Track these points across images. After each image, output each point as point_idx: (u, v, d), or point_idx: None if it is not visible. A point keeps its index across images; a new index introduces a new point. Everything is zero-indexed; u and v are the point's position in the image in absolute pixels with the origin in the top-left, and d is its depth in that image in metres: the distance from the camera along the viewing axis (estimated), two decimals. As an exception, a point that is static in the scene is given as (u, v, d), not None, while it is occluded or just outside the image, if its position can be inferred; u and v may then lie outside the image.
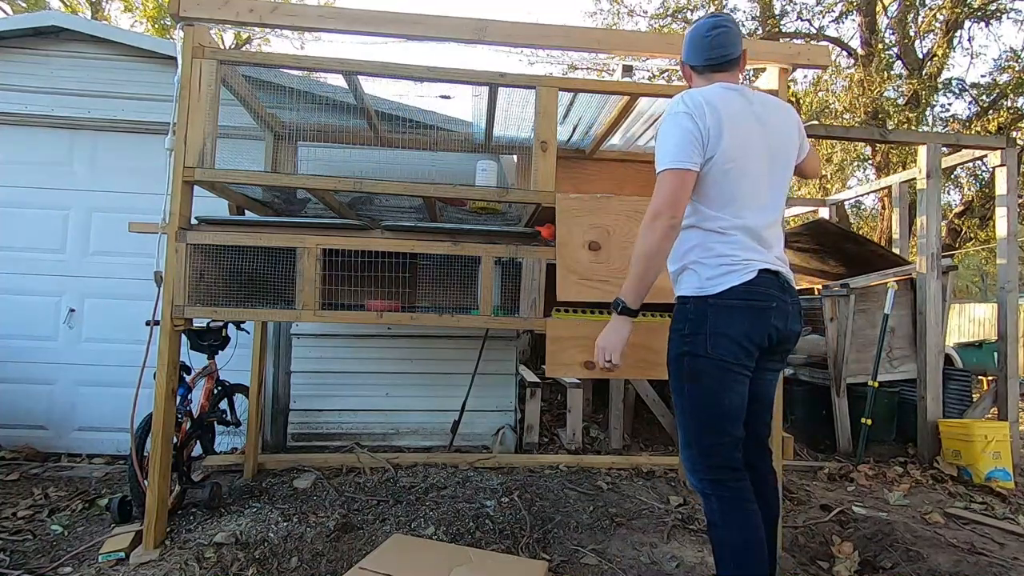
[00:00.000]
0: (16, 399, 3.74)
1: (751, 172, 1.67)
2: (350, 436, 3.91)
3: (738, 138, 1.64)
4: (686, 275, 1.72)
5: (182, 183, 2.30)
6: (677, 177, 1.60)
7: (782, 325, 1.67)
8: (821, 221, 5.22)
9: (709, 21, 1.80)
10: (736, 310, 1.62)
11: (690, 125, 1.62)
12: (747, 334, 1.62)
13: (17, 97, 3.73)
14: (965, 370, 5.09)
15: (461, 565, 1.83)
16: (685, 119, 1.62)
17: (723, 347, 1.61)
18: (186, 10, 2.25)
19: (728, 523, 1.62)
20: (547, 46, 2.45)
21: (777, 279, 1.68)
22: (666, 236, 1.59)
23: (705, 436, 1.66)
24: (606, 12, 11.88)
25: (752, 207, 1.68)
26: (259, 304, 2.65)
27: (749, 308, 1.62)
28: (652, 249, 1.59)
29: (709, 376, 1.63)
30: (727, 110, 1.64)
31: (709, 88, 1.70)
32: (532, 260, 2.49)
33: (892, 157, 10.03)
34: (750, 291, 1.62)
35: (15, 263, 3.78)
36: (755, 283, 1.62)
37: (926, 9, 9.94)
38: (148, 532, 2.28)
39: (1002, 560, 2.39)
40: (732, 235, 1.66)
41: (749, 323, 1.62)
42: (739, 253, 1.65)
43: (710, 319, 1.63)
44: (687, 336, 1.66)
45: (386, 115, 3.41)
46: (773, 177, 1.73)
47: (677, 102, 1.67)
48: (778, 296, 1.66)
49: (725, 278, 1.62)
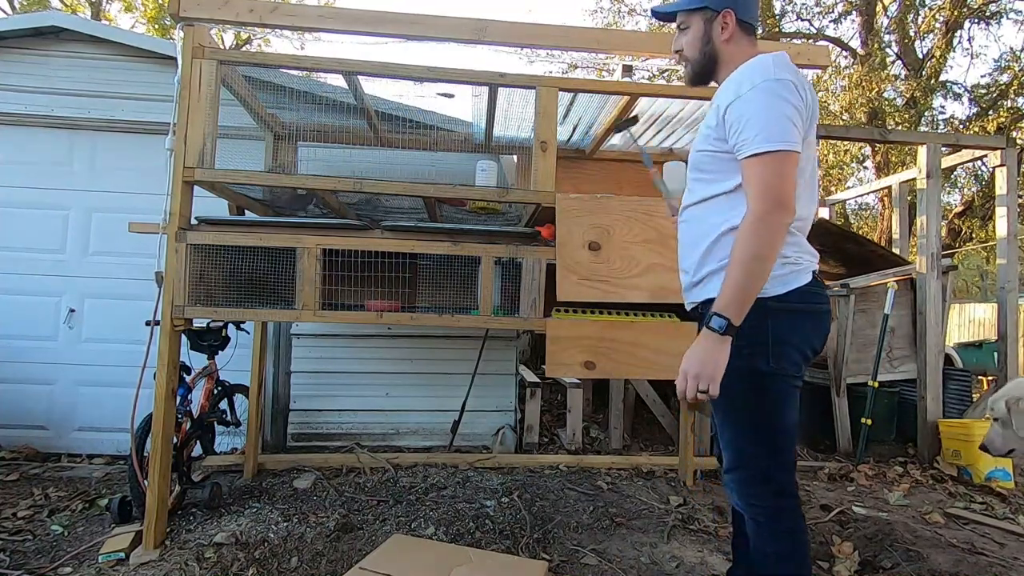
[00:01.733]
0: (16, 399, 3.74)
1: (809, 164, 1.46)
2: (350, 436, 3.91)
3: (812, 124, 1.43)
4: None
5: (182, 183, 2.30)
6: (791, 161, 1.31)
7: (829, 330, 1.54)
8: (821, 221, 5.21)
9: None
10: (800, 314, 1.43)
11: (797, 99, 1.33)
12: (809, 341, 1.44)
13: (17, 97, 3.73)
14: (965, 370, 5.08)
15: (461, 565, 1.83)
16: (792, 90, 1.33)
17: (787, 357, 1.41)
18: (186, 10, 2.24)
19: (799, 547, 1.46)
20: (547, 46, 2.45)
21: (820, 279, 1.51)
22: (782, 233, 1.31)
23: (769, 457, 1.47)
24: (606, 11, 11.90)
25: (809, 202, 1.48)
26: (259, 304, 2.65)
27: (811, 313, 1.44)
28: (766, 250, 1.29)
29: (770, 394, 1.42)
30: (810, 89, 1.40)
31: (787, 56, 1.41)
32: (532, 260, 2.49)
33: (892, 157, 10.04)
34: (813, 293, 1.44)
35: (15, 263, 3.78)
36: (814, 284, 1.45)
37: (926, 9, 9.94)
38: (148, 532, 2.28)
39: (1002, 560, 2.40)
40: (795, 233, 1.44)
41: (811, 328, 1.45)
42: (802, 253, 1.45)
43: (772, 325, 1.40)
44: (743, 348, 1.35)
45: (386, 115, 3.40)
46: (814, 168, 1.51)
47: (772, 67, 1.35)
48: (828, 298, 1.52)
49: (790, 278, 1.41)
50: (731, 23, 1.48)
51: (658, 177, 2.07)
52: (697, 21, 1.54)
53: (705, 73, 1.57)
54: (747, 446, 1.48)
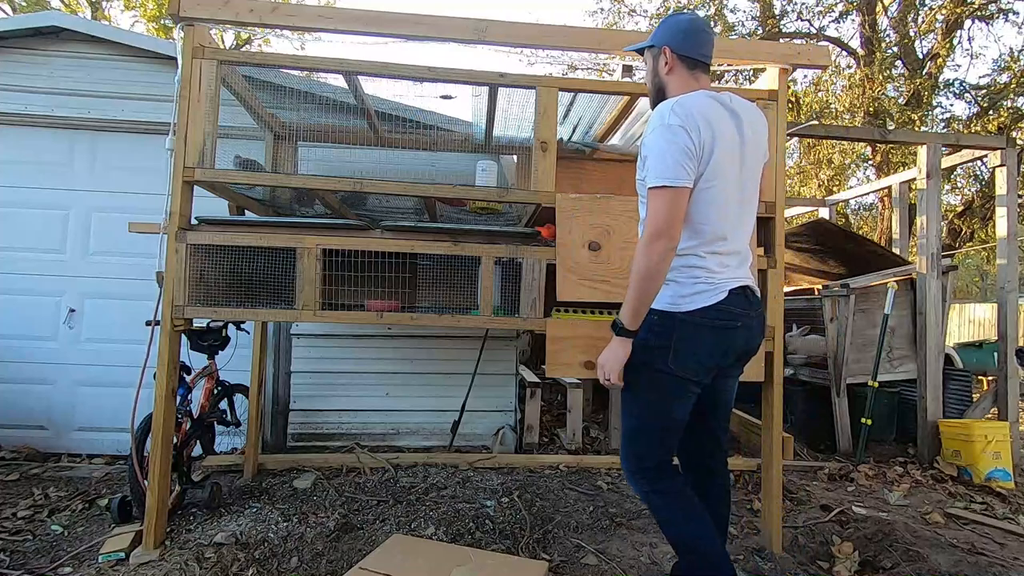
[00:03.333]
0: (16, 399, 3.74)
1: (731, 189, 1.68)
2: (350, 436, 3.91)
3: (724, 154, 1.63)
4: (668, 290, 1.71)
5: (182, 183, 2.29)
6: (676, 195, 1.56)
7: (744, 343, 1.74)
8: (821, 221, 5.22)
9: (695, 16, 1.80)
10: (704, 329, 1.66)
11: (687, 140, 1.56)
12: (711, 353, 1.68)
13: (17, 97, 3.73)
14: (965, 370, 5.09)
15: (461, 565, 1.83)
16: (681, 133, 1.56)
17: (685, 363, 1.66)
18: (186, 10, 2.24)
19: (675, 518, 1.74)
20: (547, 46, 2.45)
21: (745, 295, 1.73)
22: (665, 258, 1.56)
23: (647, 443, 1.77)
24: (606, 12, 11.88)
25: (730, 224, 1.70)
26: (259, 304, 2.65)
27: (715, 328, 1.66)
28: (652, 271, 1.56)
29: (665, 390, 1.69)
30: (718, 126, 1.62)
31: (697, 97, 1.65)
32: (532, 260, 2.49)
33: (892, 157, 10.03)
34: (720, 311, 1.65)
35: (15, 263, 3.78)
36: (725, 303, 1.66)
37: (926, 9, 9.94)
38: (148, 532, 2.28)
39: (1002, 560, 2.40)
40: (709, 254, 1.67)
41: (714, 343, 1.67)
42: (715, 273, 1.67)
43: (676, 335, 1.66)
44: (651, 348, 1.68)
45: (386, 115, 3.41)
46: (747, 191, 1.74)
47: (668, 113, 1.59)
48: (744, 314, 1.70)
49: (697, 297, 1.65)
50: (670, 57, 1.74)
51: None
52: (648, 57, 1.81)
53: (658, 100, 1.77)
54: (639, 428, 1.77)
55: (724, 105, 1.68)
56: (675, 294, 1.67)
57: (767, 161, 1.88)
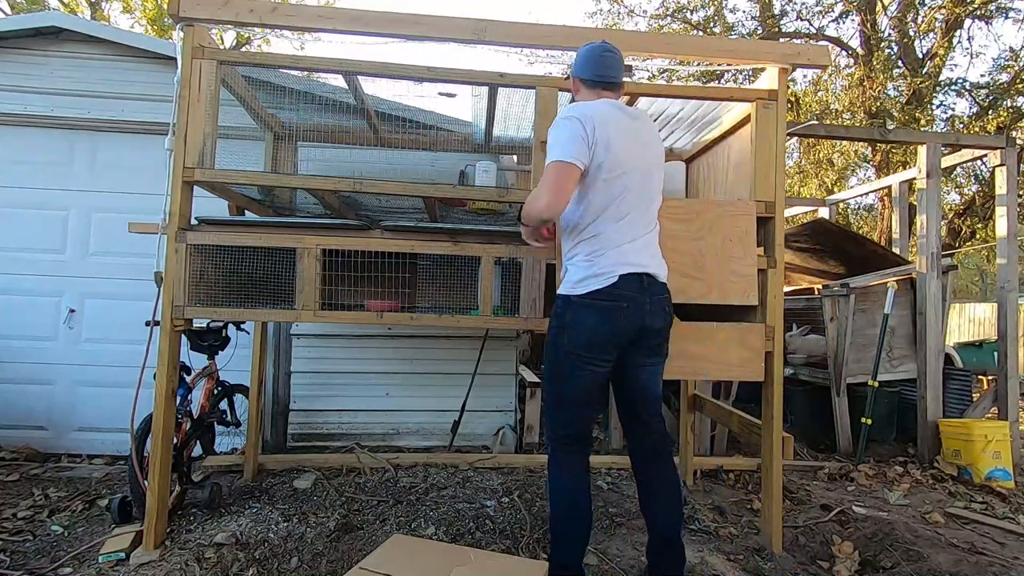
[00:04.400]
0: (16, 399, 3.74)
1: (632, 183, 1.87)
2: (350, 436, 3.91)
3: (622, 151, 1.83)
4: (566, 274, 1.94)
5: (182, 183, 2.29)
6: (562, 167, 1.77)
7: (635, 322, 1.86)
8: (821, 221, 5.22)
9: (600, 44, 2.01)
10: (588, 309, 1.83)
11: (578, 128, 1.79)
12: (595, 329, 1.84)
13: (17, 97, 3.73)
14: (965, 370, 5.08)
15: (461, 565, 1.83)
16: (575, 123, 1.80)
17: (576, 340, 1.85)
18: (186, 10, 2.24)
19: (559, 479, 1.95)
20: (547, 46, 2.45)
21: (640, 280, 1.86)
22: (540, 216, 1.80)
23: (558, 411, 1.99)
24: (606, 12, 11.88)
25: (630, 215, 1.88)
26: (259, 304, 2.65)
27: (598, 308, 1.83)
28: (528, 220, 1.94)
29: (565, 364, 1.89)
30: (614, 124, 1.84)
31: (596, 103, 1.89)
32: (532, 260, 2.49)
33: (892, 157, 10.03)
34: (608, 294, 1.82)
35: (15, 263, 3.78)
36: (616, 286, 1.82)
37: (926, 8, 9.93)
38: (148, 532, 2.28)
39: (1002, 560, 2.40)
40: (605, 242, 1.85)
41: (595, 321, 1.83)
42: (608, 260, 1.84)
43: (569, 316, 1.86)
44: (553, 328, 1.93)
45: (386, 115, 3.41)
46: (649, 187, 1.94)
47: (566, 111, 1.86)
48: (631, 296, 1.84)
49: (589, 281, 1.83)
50: (574, 82, 2.05)
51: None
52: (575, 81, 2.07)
53: None
54: (549, 397, 2.01)
55: (622, 110, 1.92)
56: (573, 280, 1.87)
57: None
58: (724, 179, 2.88)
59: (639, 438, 2.05)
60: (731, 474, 3.48)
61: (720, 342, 2.30)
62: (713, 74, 7.60)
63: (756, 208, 2.38)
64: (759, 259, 2.40)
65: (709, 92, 2.70)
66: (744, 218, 2.35)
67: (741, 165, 2.65)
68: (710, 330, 2.30)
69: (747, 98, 2.51)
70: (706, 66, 3.30)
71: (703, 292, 2.28)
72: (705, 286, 2.29)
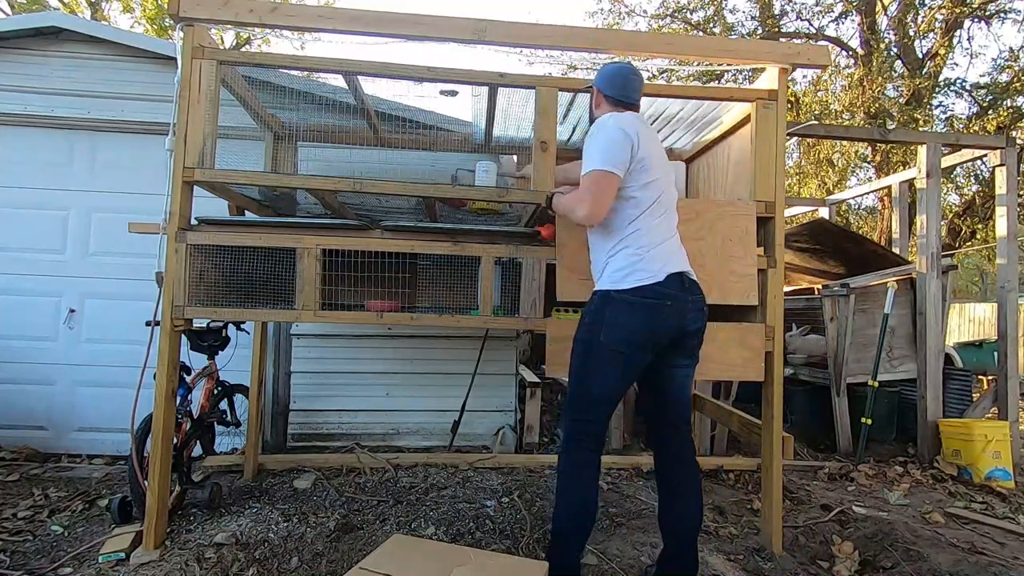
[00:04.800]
0: (16, 399, 3.74)
1: (664, 187, 1.96)
2: (350, 436, 3.91)
3: (655, 157, 1.93)
4: (605, 269, 1.94)
5: (182, 183, 2.29)
6: (605, 177, 1.82)
7: (676, 322, 1.87)
8: (821, 221, 5.22)
9: (629, 67, 2.09)
10: (632, 306, 1.84)
11: (620, 136, 1.85)
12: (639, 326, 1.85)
13: (17, 97, 3.73)
14: (965, 370, 5.08)
15: (461, 565, 1.83)
16: (618, 132, 1.86)
17: (615, 335, 1.85)
18: (186, 10, 2.24)
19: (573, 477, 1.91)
20: (547, 46, 2.45)
21: (681, 280, 1.91)
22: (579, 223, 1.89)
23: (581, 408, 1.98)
24: (606, 12, 11.86)
25: (666, 216, 1.96)
26: (259, 304, 2.65)
27: (644, 305, 1.84)
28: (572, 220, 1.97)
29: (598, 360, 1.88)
30: (644, 132, 1.94)
31: (628, 115, 1.98)
32: (532, 260, 2.49)
33: (892, 157, 10.03)
34: (654, 291, 1.84)
35: (15, 263, 3.78)
36: (663, 284, 1.85)
37: (926, 9, 9.93)
38: (148, 532, 2.28)
39: (1002, 560, 2.39)
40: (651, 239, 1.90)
41: (639, 317, 1.84)
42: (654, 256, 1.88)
43: (609, 311, 1.86)
44: (588, 324, 1.93)
45: (386, 115, 3.40)
46: (672, 191, 2.03)
47: (604, 120, 1.93)
48: (675, 295, 1.87)
49: (636, 276, 1.85)
50: (599, 95, 2.09)
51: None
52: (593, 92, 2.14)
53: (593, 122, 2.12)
54: (574, 392, 1.97)
55: (644, 122, 2.02)
56: (614, 278, 1.89)
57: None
58: (724, 179, 2.88)
59: (666, 440, 2.03)
60: (731, 474, 3.48)
61: (720, 342, 2.31)
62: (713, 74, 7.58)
63: (756, 208, 2.38)
64: (759, 259, 2.40)
65: (709, 92, 2.70)
66: (744, 218, 2.35)
67: (741, 165, 2.65)
68: (710, 330, 2.29)
69: (747, 98, 2.51)
70: (706, 66, 3.30)
71: (703, 292, 2.28)
72: (705, 286, 2.27)
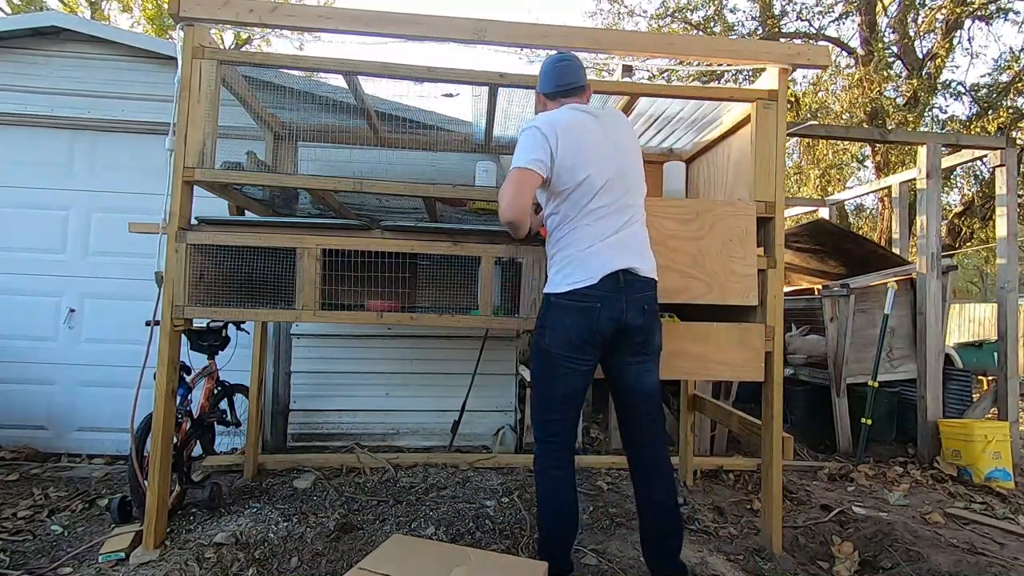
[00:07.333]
0: (16, 399, 3.74)
1: (604, 183, 1.88)
2: (350, 436, 3.91)
3: (590, 152, 1.87)
4: (549, 274, 1.98)
5: (182, 183, 2.29)
6: (521, 174, 1.83)
7: (611, 321, 1.86)
8: (821, 221, 5.22)
9: (555, 56, 2.08)
10: (567, 309, 1.87)
11: (538, 137, 1.85)
12: (573, 328, 1.86)
13: (17, 97, 3.73)
14: (965, 370, 5.08)
15: (461, 565, 1.83)
16: (535, 132, 1.86)
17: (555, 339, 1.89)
18: (186, 10, 2.24)
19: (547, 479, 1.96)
20: (546, 46, 2.44)
21: (616, 279, 1.86)
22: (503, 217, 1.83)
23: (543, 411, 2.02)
24: (606, 12, 11.86)
25: (605, 214, 1.89)
26: (259, 304, 2.65)
27: (577, 309, 1.86)
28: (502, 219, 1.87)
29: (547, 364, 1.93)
30: (578, 128, 1.89)
31: (558, 111, 1.95)
32: (532, 260, 2.49)
33: (892, 157, 10.02)
34: (584, 294, 1.84)
35: (15, 263, 3.78)
36: (592, 286, 1.84)
37: (926, 9, 9.92)
38: (148, 532, 2.28)
39: (1002, 560, 2.40)
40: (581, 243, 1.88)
41: (572, 320, 1.86)
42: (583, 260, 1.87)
43: (549, 316, 1.91)
44: (536, 329, 1.99)
45: (386, 115, 3.40)
46: (625, 183, 1.94)
47: (528, 122, 1.92)
48: (605, 296, 1.85)
49: (566, 281, 1.87)
50: (539, 99, 2.11)
51: None
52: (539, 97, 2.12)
53: None
54: (536, 394, 2.02)
55: (587, 112, 1.97)
56: (554, 281, 1.91)
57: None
58: (724, 179, 2.88)
59: (631, 431, 2.05)
60: (731, 474, 3.48)
61: (720, 342, 2.31)
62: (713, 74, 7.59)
63: (756, 208, 2.38)
64: (759, 259, 2.40)
65: (709, 92, 2.70)
66: (744, 218, 2.35)
67: (741, 165, 2.65)
68: (710, 330, 2.31)
69: (747, 98, 2.51)
70: (706, 66, 3.30)
71: (703, 292, 2.29)
72: (705, 286, 2.29)
